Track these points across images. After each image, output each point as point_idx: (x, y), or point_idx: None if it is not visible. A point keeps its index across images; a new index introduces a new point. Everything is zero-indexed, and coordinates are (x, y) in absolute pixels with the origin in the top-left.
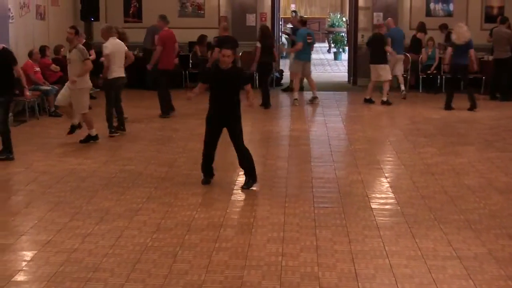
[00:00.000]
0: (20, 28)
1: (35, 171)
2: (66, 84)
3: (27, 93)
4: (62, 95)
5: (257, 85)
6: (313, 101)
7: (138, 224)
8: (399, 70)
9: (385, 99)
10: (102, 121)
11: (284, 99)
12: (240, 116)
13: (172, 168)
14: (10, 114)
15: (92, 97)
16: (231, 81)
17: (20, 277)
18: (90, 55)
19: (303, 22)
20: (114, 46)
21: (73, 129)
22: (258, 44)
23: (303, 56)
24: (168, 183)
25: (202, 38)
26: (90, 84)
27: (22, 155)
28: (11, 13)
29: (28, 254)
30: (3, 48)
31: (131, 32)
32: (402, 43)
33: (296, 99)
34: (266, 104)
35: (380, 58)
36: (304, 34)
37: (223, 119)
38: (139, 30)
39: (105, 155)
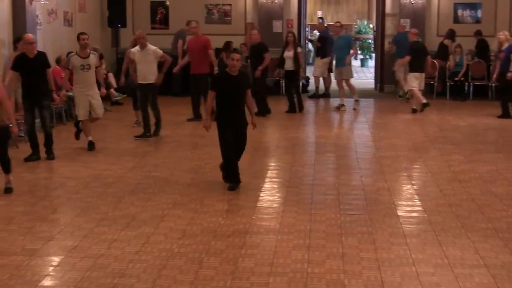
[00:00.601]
0: (48, 34)
1: (61, 176)
2: (81, 94)
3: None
4: (84, 108)
5: (283, 92)
6: (340, 108)
7: (164, 230)
8: (402, 73)
9: (415, 107)
10: (127, 127)
11: (310, 105)
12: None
13: (198, 175)
14: (38, 120)
15: (118, 103)
16: (240, 87)
17: (47, 282)
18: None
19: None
20: None
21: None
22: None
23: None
24: (194, 190)
25: (228, 44)
26: None
27: (48, 161)
28: (39, 19)
29: (55, 259)
30: (39, 52)
31: (158, 38)
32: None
33: (357, 100)
34: (300, 108)
35: (423, 66)
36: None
37: (234, 122)
38: (166, 37)
39: (131, 161)
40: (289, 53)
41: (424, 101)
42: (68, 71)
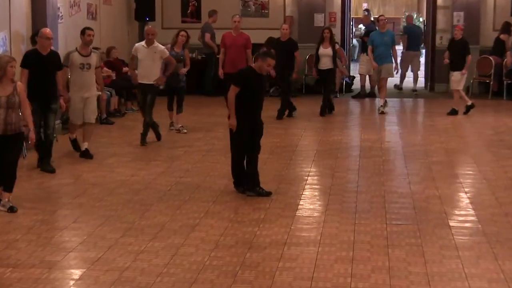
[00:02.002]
0: (70, 28)
1: (84, 182)
2: (77, 96)
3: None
4: (79, 112)
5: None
6: (383, 109)
7: (195, 241)
8: (416, 66)
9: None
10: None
11: (354, 106)
12: None
13: (232, 181)
14: (59, 121)
15: None
16: (264, 85)
17: None
18: None
19: None
20: None
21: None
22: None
23: None
24: (228, 197)
25: (271, 41)
26: None
27: (70, 166)
28: (61, 12)
29: (77, 273)
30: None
31: (189, 32)
32: (418, 41)
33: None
34: (322, 111)
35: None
36: None
37: (255, 122)
38: (198, 31)
39: (160, 166)
40: (325, 50)
41: (469, 103)
42: (65, 69)
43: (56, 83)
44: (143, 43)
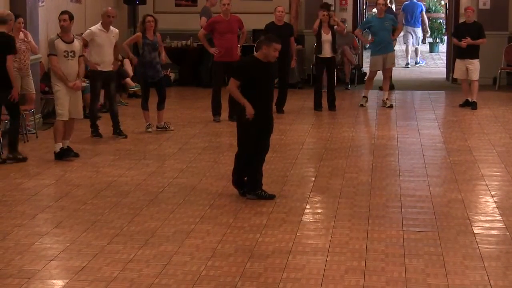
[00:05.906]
0: (51, 12)
1: (67, 183)
2: (63, 88)
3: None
4: (67, 106)
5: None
6: (385, 104)
7: (190, 249)
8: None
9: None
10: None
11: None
12: None
13: (231, 182)
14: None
15: (136, 95)
16: (271, 75)
17: None
18: None
19: None
20: None
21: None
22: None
23: None
24: (227, 200)
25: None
26: None
27: (51, 165)
28: None
29: (59, 283)
30: (2, 33)
31: (183, 18)
32: (414, 17)
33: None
34: (331, 105)
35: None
36: None
37: (263, 118)
38: (193, 16)
39: (152, 166)
40: (327, 36)
41: (469, 98)
42: (56, 58)
43: (5, 70)
44: (99, 26)
